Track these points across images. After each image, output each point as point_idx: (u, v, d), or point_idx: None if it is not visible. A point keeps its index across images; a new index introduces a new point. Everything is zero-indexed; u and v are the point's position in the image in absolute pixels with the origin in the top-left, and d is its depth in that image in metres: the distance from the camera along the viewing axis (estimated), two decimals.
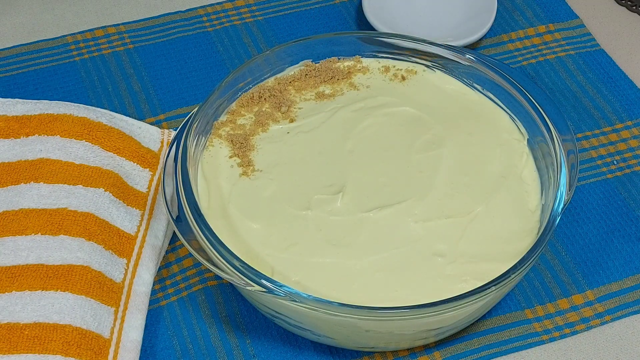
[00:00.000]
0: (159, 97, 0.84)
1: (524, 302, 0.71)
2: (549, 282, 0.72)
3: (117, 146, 0.73)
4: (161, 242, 0.72)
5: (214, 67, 0.86)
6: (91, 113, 0.75)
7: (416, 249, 0.67)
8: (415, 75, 0.79)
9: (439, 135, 0.74)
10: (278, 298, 0.62)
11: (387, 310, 0.61)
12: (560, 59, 0.88)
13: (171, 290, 0.71)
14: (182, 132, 0.71)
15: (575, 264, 0.73)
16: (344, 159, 0.72)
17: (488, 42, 0.89)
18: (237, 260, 0.63)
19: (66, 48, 0.88)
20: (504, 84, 0.75)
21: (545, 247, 0.67)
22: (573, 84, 0.85)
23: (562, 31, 0.90)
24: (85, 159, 0.72)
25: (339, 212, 0.69)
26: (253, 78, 0.77)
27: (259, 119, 0.75)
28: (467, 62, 0.77)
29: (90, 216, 0.69)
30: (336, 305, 0.61)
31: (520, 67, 0.87)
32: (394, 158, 0.72)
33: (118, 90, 0.84)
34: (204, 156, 0.73)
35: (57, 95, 0.84)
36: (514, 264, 0.64)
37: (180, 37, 0.89)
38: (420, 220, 0.68)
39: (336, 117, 0.75)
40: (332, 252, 0.67)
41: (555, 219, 0.66)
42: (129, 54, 0.87)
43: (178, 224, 0.66)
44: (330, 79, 0.78)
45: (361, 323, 0.62)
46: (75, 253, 0.67)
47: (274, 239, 0.67)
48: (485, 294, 0.62)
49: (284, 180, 0.71)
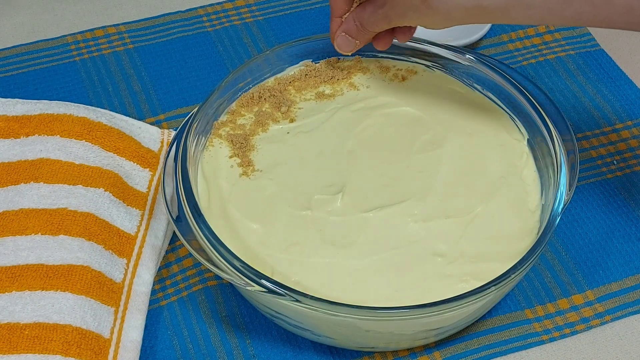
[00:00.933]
0: (159, 97, 0.84)
1: (524, 302, 0.71)
2: (549, 282, 0.72)
3: (117, 146, 0.73)
4: (161, 242, 0.72)
5: (214, 67, 0.86)
6: (91, 113, 0.75)
7: (416, 249, 0.67)
8: (415, 75, 0.79)
9: (439, 136, 0.74)
10: (278, 298, 0.62)
11: (387, 310, 0.61)
12: (560, 59, 0.88)
13: (171, 290, 0.71)
14: (182, 132, 0.71)
15: (575, 264, 0.73)
16: (344, 159, 0.72)
17: (488, 42, 0.89)
18: (237, 260, 0.63)
19: (66, 48, 0.88)
20: (504, 84, 0.75)
21: (545, 247, 0.67)
22: (573, 84, 0.85)
23: (562, 31, 0.90)
24: (85, 159, 0.72)
25: (339, 212, 0.69)
26: (253, 78, 0.77)
27: (259, 119, 0.75)
28: (467, 62, 0.77)
29: (90, 216, 0.69)
30: (336, 305, 0.61)
31: (520, 67, 0.87)
32: (394, 158, 0.72)
33: (118, 90, 0.84)
34: (204, 156, 0.73)
35: (57, 95, 0.84)
36: (514, 264, 0.63)
37: (180, 37, 0.89)
38: (420, 221, 0.68)
39: (336, 117, 0.75)
40: (332, 252, 0.67)
41: (555, 219, 0.66)
42: (129, 54, 0.87)
43: (178, 224, 0.66)
44: (330, 79, 0.78)
45: (361, 323, 0.62)
46: (75, 253, 0.67)
47: (274, 239, 0.67)
48: (485, 294, 0.62)
49: (284, 180, 0.71)
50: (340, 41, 0.73)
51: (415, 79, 0.78)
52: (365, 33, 0.71)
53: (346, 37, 0.72)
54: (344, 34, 0.72)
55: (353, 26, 0.71)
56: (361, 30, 0.71)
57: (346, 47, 0.73)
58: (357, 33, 0.71)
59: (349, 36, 0.72)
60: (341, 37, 0.72)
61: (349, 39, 0.72)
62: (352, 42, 0.72)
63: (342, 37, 0.72)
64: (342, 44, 0.73)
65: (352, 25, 0.71)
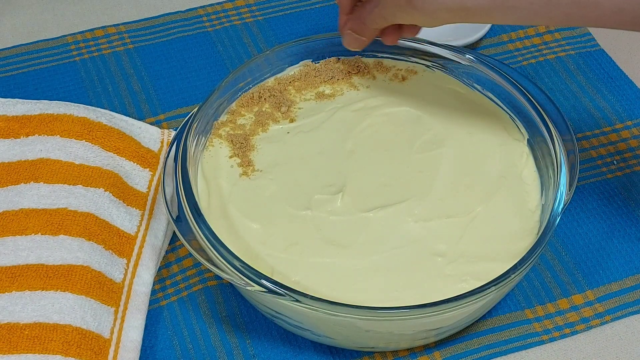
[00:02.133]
0: (159, 97, 0.84)
1: (524, 302, 0.71)
2: (549, 282, 0.72)
3: (117, 146, 0.74)
4: (161, 242, 0.72)
5: (214, 67, 0.87)
6: (91, 113, 0.75)
7: (416, 249, 0.67)
8: (415, 75, 0.79)
9: (439, 135, 0.74)
10: (278, 298, 0.62)
11: (387, 310, 0.61)
12: (560, 59, 0.88)
13: (171, 290, 0.71)
14: (182, 132, 0.71)
15: (575, 264, 0.73)
16: (344, 159, 0.72)
17: (488, 42, 0.89)
18: (237, 260, 0.63)
19: (66, 48, 0.88)
20: (504, 84, 0.75)
21: (545, 247, 0.67)
22: (573, 84, 0.86)
23: (562, 31, 0.90)
24: (85, 159, 0.72)
25: (339, 212, 0.69)
26: (253, 78, 0.77)
27: (259, 119, 0.75)
28: (467, 62, 0.77)
29: (90, 216, 0.69)
30: (336, 305, 0.61)
31: (520, 67, 0.87)
32: (394, 158, 0.72)
33: (118, 90, 0.84)
34: (204, 156, 0.73)
35: (57, 95, 0.84)
36: (514, 264, 0.63)
37: (180, 37, 0.89)
38: (420, 220, 0.68)
39: (336, 117, 0.75)
40: (332, 252, 0.67)
41: (555, 219, 0.66)
42: (129, 54, 0.87)
43: (178, 224, 0.66)
44: (330, 79, 0.78)
45: (361, 323, 0.62)
46: (75, 253, 0.67)
47: (274, 239, 0.68)
48: (485, 294, 0.62)
49: (284, 180, 0.71)
50: (347, 38, 0.74)
51: (415, 79, 0.78)
52: (367, 30, 0.72)
53: (352, 34, 0.73)
54: (350, 32, 0.73)
55: (357, 23, 0.72)
56: (364, 28, 0.72)
57: (353, 43, 0.74)
58: (361, 30, 0.72)
59: (355, 33, 0.72)
60: (348, 35, 0.74)
61: (355, 36, 0.73)
62: (358, 39, 0.73)
63: (349, 35, 0.74)
64: (349, 40, 0.74)
65: (356, 23, 0.72)
